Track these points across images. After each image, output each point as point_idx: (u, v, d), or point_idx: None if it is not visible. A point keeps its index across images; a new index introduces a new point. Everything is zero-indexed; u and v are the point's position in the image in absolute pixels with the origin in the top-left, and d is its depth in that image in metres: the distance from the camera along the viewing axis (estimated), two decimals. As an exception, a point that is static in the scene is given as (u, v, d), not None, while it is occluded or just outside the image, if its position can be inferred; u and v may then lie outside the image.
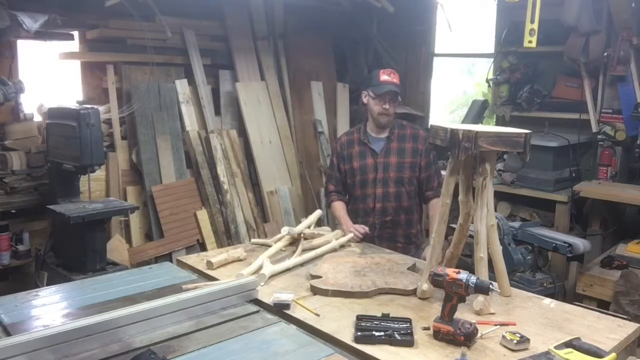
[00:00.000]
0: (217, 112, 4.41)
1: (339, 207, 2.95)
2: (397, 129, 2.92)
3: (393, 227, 2.90)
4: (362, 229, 2.73)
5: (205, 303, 1.77)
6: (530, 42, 3.35)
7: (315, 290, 1.98)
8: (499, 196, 4.00)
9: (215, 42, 4.44)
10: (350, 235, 2.64)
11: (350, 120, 5.03)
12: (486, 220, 1.93)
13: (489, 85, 4.50)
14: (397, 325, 1.67)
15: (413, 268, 2.21)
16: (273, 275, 2.12)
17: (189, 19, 4.23)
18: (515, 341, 1.57)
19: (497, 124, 4.42)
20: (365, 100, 2.91)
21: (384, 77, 2.82)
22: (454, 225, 2.06)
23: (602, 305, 2.85)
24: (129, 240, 3.85)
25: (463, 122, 4.60)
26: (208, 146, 4.17)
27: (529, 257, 2.98)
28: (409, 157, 2.88)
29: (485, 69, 4.56)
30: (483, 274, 1.91)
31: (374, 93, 2.82)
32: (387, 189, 2.86)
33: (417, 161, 2.89)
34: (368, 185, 2.88)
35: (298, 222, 3.68)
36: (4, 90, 3.24)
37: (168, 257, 3.86)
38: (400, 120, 3.03)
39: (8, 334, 1.61)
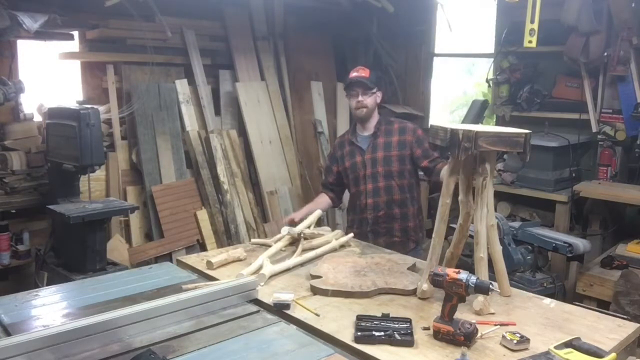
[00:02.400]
0: (217, 112, 4.41)
1: (317, 198, 3.16)
2: (384, 124, 2.99)
3: (388, 222, 2.95)
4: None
5: (205, 303, 1.77)
6: (530, 42, 3.35)
7: (315, 290, 1.98)
8: (499, 196, 4.01)
9: (215, 42, 4.44)
10: (351, 235, 2.64)
11: (350, 120, 5.03)
12: (486, 220, 1.93)
13: (489, 85, 4.50)
14: (397, 325, 1.67)
15: (413, 268, 2.21)
16: (273, 275, 2.12)
17: (189, 19, 4.23)
18: (515, 341, 1.57)
19: (497, 124, 4.42)
20: (349, 103, 3.08)
21: (352, 74, 2.98)
22: (454, 225, 2.06)
23: (602, 305, 2.84)
24: (129, 240, 3.85)
25: (463, 122, 4.60)
26: (208, 146, 4.17)
27: (529, 257, 2.98)
28: (395, 150, 2.92)
29: (485, 69, 4.57)
30: (483, 274, 1.91)
31: (347, 91, 3.02)
32: (376, 184, 2.93)
33: (404, 153, 2.92)
34: (360, 182, 2.98)
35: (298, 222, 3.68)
36: (4, 90, 3.24)
37: (168, 257, 3.86)
38: (390, 117, 3.14)
39: (8, 334, 1.60)
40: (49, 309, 1.81)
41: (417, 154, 2.91)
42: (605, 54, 3.73)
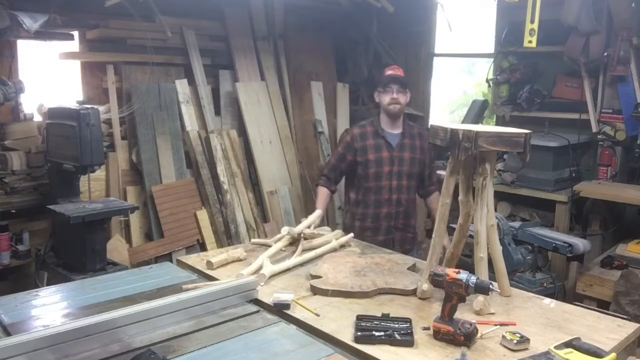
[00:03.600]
0: (217, 112, 4.41)
1: (323, 193, 3.14)
2: (407, 127, 3.16)
3: (406, 218, 3.14)
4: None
5: (205, 303, 1.77)
6: (530, 42, 3.35)
7: (315, 290, 1.98)
8: (499, 196, 4.00)
9: (215, 42, 4.44)
10: (351, 235, 2.64)
11: (350, 120, 5.03)
12: (486, 220, 1.93)
13: (489, 85, 4.50)
14: (397, 325, 1.67)
15: (413, 268, 2.21)
16: (273, 275, 2.12)
17: (189, 19, 4.22)
18: (515, 341, 1.57)
19: (497, 124, 4.42)
20: (377, 98, 3.16)
21: (389, 72, 3.12)
22: (454, 225, 2.06)
23: (602, 305, 2.84)
24: (129, 240, 3.85)
25: (463, 122, 4.60)
26: (208, 146, 4.17)
27: (529, 257, 2.98)
28: (419, 153, 3.13)
29: (485, 69, 4.57)
30: (483, 274, 1.91)
31: (382, 87, 3.09)
32: (401, 181, 3.08)
33: (423, 158, 3.16)
34: (383, 178, 3.07)
35: (298, 222, 3.69)
36: (4, 90, 3.24)
37: (168, 257, 3.86)
38: (407, 120, 3.26)
39: (8, 334, 1.60)
40: (49, 309, 1.81)
41: (425, 161, 3.17)
42: (605, 54, 3.73)
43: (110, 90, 3.87)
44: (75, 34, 3.78)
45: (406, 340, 1.60)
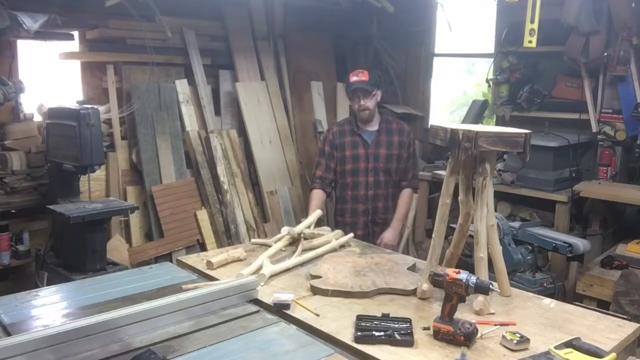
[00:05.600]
0: (217, 112, 4.41)
1: (316, 197, 3.19)
2: (384, 123, 3.24)
3: (385, 212, 3.25)
4: None
5: (205, 303, 1.77)
6: (530, 42, 3.35)
7: (315, 290, 1.98)
8: (499, 196, 4.00)
9: (215, 42, 4.44)
10: (351, 235, 2.64)
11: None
12: (486, 220, 1.93)
13: (489, 85, 4.50)
14: (397, 325, 1.67)
15: (413, 268, 2.21)
16: (273, 275, 2.12)
17: (189, 19, 4.23)
18: (515, 341, 1.57)
19: (497, 124, 4.42)
20: (350, 102, 3.29)
21: (353, 78, 3.17)
22: (454, 225, 2.06)
23: (602, 305, 2.84)
24: (129, 240, 3.85)
25: (463, 122, 4.60)
26: (208, 146, 4.17)
27: (529, 257, 2.98)
28: (396, 149, 3.22)
29: (485, 69, 4.57)
30: (483, 274, 1.91)
31: (349, 94, 3.23)
32: (377, 177, 3.20)
33: (402, 153, 3.24)
34: (359, 174, 3.19)
35: (298, 222, 3.69)
36: (4, 90, 3.24)
37: (168, 257, 3.86)
38: (386, 115, 3.41)
39: (8, 334, 1.60)
40: (49, 309, 1.81)
41: (403, 156, 3.22)
42: (605, 54, 3.73)
43: (110, 90, 3.87)
44: (75, 34, 3.79)
45: (406, 340, 1.60)
